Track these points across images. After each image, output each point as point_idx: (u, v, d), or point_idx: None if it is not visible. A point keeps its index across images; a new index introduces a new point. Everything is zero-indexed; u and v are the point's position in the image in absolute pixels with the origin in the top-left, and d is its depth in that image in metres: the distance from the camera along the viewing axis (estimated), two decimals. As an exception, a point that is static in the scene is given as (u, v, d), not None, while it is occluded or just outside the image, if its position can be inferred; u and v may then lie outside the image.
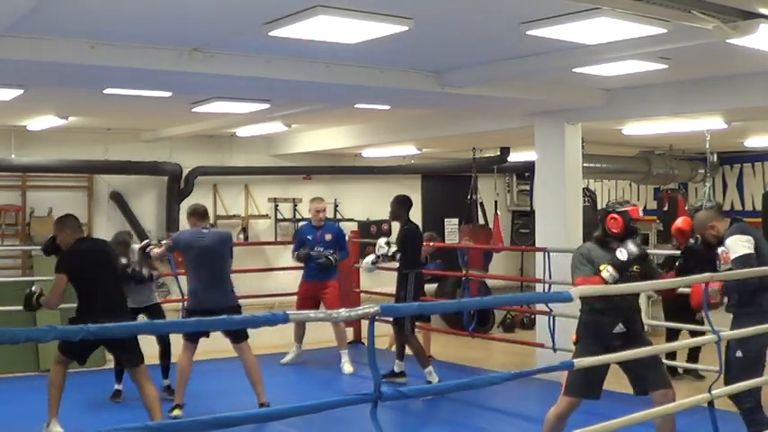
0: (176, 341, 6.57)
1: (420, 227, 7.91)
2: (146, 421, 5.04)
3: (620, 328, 4.70)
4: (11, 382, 7.59)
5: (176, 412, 6.16)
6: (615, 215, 4.83)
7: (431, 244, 8.98)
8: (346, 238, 8.85)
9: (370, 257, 7.73)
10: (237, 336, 6.31)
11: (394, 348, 7.54)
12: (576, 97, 7.52)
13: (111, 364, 7.10)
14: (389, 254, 7.52)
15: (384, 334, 9.12)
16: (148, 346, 6.11)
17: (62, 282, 5.51)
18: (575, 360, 4.04)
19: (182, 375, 6.30)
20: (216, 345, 8.77)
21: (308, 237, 8.40)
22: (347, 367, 8.18)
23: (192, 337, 6.26)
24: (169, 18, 4.70)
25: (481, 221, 12.04)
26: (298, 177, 12.00)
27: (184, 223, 11.02)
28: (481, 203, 12.06)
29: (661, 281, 5.01)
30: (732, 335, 4.85)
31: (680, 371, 8.08)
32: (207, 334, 6.15)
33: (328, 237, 8.33)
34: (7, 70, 5.58)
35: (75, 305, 5.63)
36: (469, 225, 11.60)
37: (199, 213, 6.63)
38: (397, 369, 7.54)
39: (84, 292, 5.59)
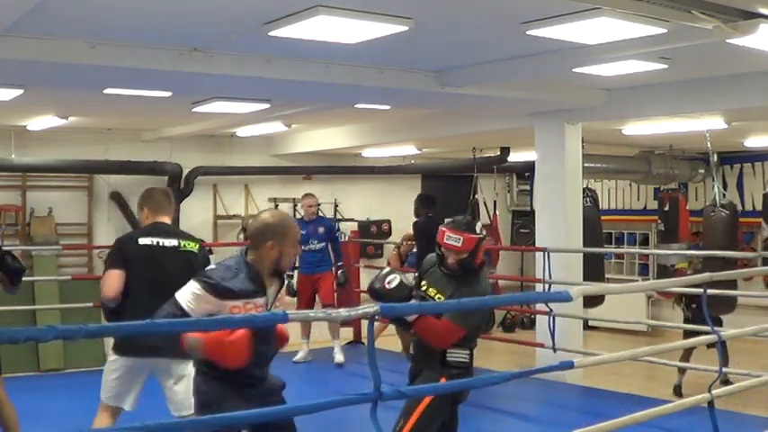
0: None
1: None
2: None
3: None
4: (11, 382, 7.58)
5: None
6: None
7: (408, 242, 9.50)
8: (337, 233, 9.19)
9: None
10: None
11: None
12: (576, 97, 7.52)
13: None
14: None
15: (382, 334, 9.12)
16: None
17: None
18: (575, 360, 4.03)
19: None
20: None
21: (302, 231, 8.53)
22: (339, 357, 8.45)
23: None
24: (169, 18, 4.69)
25: (486, 220, 12.03)
26: (298, 177, 12.01)
27: (184, 223, 11.10)
28: (480, 203, 12.06)
29: (663, 281, 4.97)
30: (733, 334, 4.84)
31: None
32: None
33: (321, 230, 8.61)
34: (7, 70, 5.58)
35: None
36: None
37: None
38: None
39: None
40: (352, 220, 12.21)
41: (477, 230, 4.09)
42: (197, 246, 4.41)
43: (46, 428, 6.00)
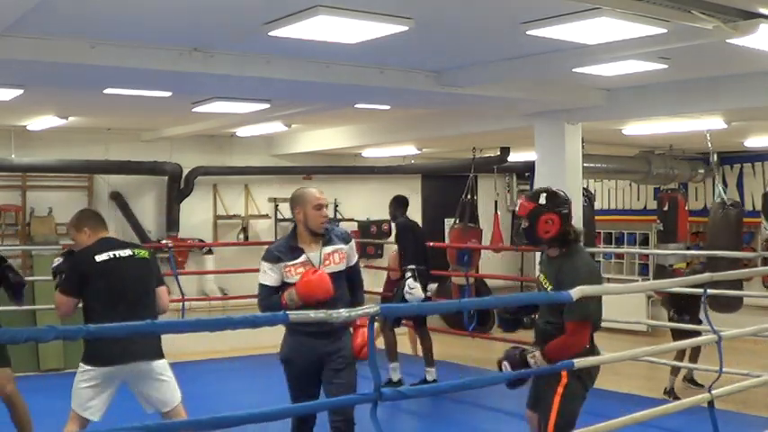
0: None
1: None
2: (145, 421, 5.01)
3: None
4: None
5: None
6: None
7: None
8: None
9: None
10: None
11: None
12: (576, 97, 7.52)
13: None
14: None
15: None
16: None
17: None
18: (575, 361, 4.03)
19: None
20: (215, 345, 8.77)
21: None
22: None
23: None
24: (169, 18, 4.69)
25: (485, 221, 11.95)
26: (298, 177, 12.00)
27: (185, 223, 11.10)
28: (474, 203, 11.96)
29: (663, 281, 4.97)
30: (733, 334, 4.84)
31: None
32: None
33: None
34: (7, 70, 5.58)
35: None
36: (464, 225, 11.34)
37: None
38: (429, 378, 7.27)
39: None
40: (352, 220, 12.21)
41: (541, 200, 4.22)
42: (147, 252, 4.68)
43: (46, 428, 6.00)
